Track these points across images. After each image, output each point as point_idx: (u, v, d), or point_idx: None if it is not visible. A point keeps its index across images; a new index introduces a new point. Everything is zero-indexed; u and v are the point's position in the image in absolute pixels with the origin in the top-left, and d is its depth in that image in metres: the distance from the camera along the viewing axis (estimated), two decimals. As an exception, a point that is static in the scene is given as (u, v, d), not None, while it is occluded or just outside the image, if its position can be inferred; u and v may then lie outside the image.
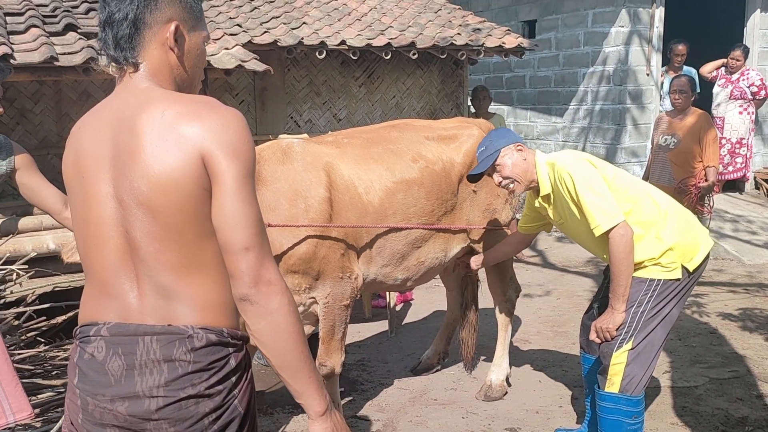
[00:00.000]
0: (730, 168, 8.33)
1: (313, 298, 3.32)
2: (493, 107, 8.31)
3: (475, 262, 3.84)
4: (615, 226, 2.89)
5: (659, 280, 3.00)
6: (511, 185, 3.23)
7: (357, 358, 4.80)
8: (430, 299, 6.10)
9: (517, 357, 4.60)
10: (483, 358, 4.57)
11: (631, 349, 2.98)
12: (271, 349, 1.44)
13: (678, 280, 3.01)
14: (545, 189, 3.19)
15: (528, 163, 3.21)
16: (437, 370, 4.49)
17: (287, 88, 6.42)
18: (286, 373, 1.45)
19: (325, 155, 3.40)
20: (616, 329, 3.00)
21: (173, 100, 1.46)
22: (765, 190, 9.01)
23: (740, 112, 8.20)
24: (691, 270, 3.03)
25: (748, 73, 8.16)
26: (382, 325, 5.40)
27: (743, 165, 8.30)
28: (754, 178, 8.84)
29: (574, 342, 4.94)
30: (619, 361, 2.99)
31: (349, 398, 4.12)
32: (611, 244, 2.92)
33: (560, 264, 7.33)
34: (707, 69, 8.32)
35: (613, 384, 3.02)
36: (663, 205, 3.11)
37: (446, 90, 7.37)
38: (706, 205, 5.97)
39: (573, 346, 4.88)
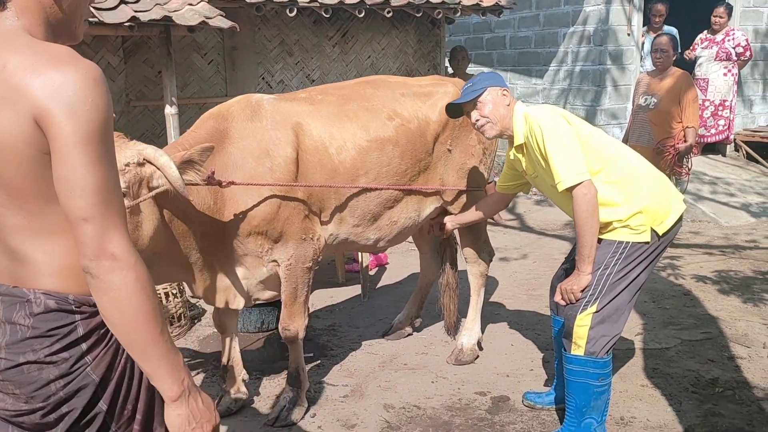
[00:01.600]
0: (713, 130, 8.26)
1: (275, 260, 3.22)
2: (472, 68, 8.16)
3: (450, 221, 3.74)
4: (578, 184, 2.81)
5: (627, 243, 2.93)
6: (486, 126, 3.15)
7: (328, 323, 4.72)
8: (405, 263, 6.02)
9: (490, 320, 4.55)
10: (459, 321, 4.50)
11: (596, 312, 2.92)
12: (116, 327, 1.33)
13: (647, 243, 2.93)
14: (518, 139, 3.12)
15: (508, 109, 3.14)
16: (409, 335, 4.43)
17: (258, 48, 6.22)
18: (134, 353, 1.35)
19: (296, 114, 3.28)
20: (581, 291, 2.93)
21: (22, 50, 1.29)
22: (744, 153, 8.96)
23: (724, 74, 8.10)
24: (660, 234, 2.95)
25: (733, 33, 8.04)
26: (355, 290, 5.33)
27: (726, 127, 8.24)
28: (734, 140, 8.78)
29: (548, 305, 4.88)
30: (583, 323, 2.93)
31: (318, 363, 4.05)
32: (574, 202, 2.85)
33: (538, 227, 7.27)
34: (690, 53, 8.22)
35: (578, 347, 2.96)
36: (636, 167, 3.02)
37: (423, 50, 7.20)
38: (684, 166, 5.91)
39: (547, 309, 4.80)
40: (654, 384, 3.67)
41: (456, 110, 3.32)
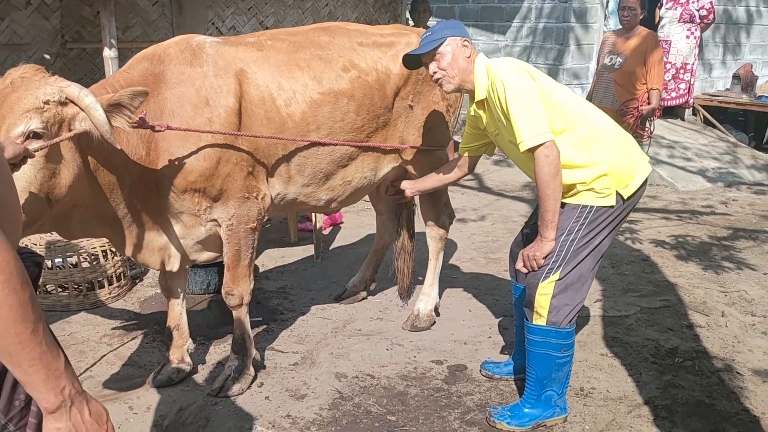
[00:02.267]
0: (673, 94, 8.19)
1: (215, 219, 2.96)
2: (432, 21, 7.86)
3: (410, 187, 3.51)
4: (540, 145, 2.64)
5: (592, 207, 2.77)
6: (444, 79, 2.95)
7: (279, 285, 4.50)
8: (361, 222, 5.82)
9: (447, 285, 4.39)
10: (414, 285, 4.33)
11: (559, 279, 2.77)
12: None
13: (612, 207, 2.79)
14: (479, 94, 2.92)
15: (469, 61, 2.93)
16: (363, 299, 4.25)
17: (208, -10, 5.82)
18: (2, 358, 1.12)
19: (241, 60, 2.98)
20: (544, 258, 2.77)
21: None
22: (702, 117, 8.95)
23: (687, 36, 8.00)
24: (625, 197, 2.80)
25: (697, -5, 7.92)
26: (308, 250, 5.10)
27: (686, 91, 8.18)
28: (693, 104, 8.74)
29: (506, 269, 4.75)
30: (545, 292, 2.78)
31: (265, 327, 3.84)
32: (536, 164, 2.68)
33: (497, 188, 7.14)
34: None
35: (540, 316, 2.82)
36: (600, 127, 2.85)
37: (383, 0, 6.86)
38: (646, 129, 5.81)
39: (505, 273, 4.70)
40: (614, 353, 3.58)
41: (413, 61, 3.09)
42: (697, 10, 7.95)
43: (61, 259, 4.11)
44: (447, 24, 3.05)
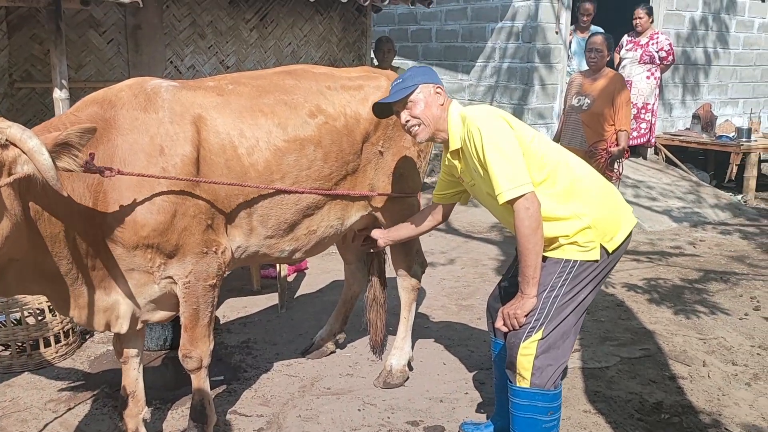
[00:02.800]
0: (635, 133, 8.21)
1: (170, 277, 2.71)
2: (397, 61, 7.79)
3: (383, 238, 3.32)
4: (520, 197, 2.50)
5: (575, 261, 2.63)
6: (417, 128, 2.80)
7: (242, 338, 4.24)
8: (326, 268, 5.59)
9: (419, 334, 4.19)
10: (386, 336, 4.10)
11: (541, 339, 2.60)
12: None
13: (596, 261, 2.64)
14: (454, 143, 2.78)
15: (442, 109, 2.80)
16: (332, 353, 4.01)
17: (166, 28, 5.60)
18: None
19: (199, 106, 2.77)
20: (525, 316, 2.60)
21: None
22: (663, 156, 9.02)
23: (647, 77, 8.08)
24: (610, 250, 2.67)
25: (657, 37, 8.02)
26: (272, 299, 4.86)
27: (647, 130, 8.22)
28: (655, 143, 8.81)
29: (479, 317, 4.60)
30: (527, 352, 2.61)
31: (227, 387, 3.57)
32: (516, 217, 2.53)
33: (464, 229, 7.00)
34: None
35: (523, 378, 2.64)
36: (582, 177, 2.72)
37: (348, 39, 6.75)
38: (615, 170, 5.75)
39: (479, 321, 4.54)
40: (597, 409, 3.40)
41: (384, 110, 2.94)
42: (657, 52, 8.04)
43: (3, 316, 3.79)
44: (418, 71, 2.91)
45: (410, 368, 3.76)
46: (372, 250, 3.61)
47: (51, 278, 2.46)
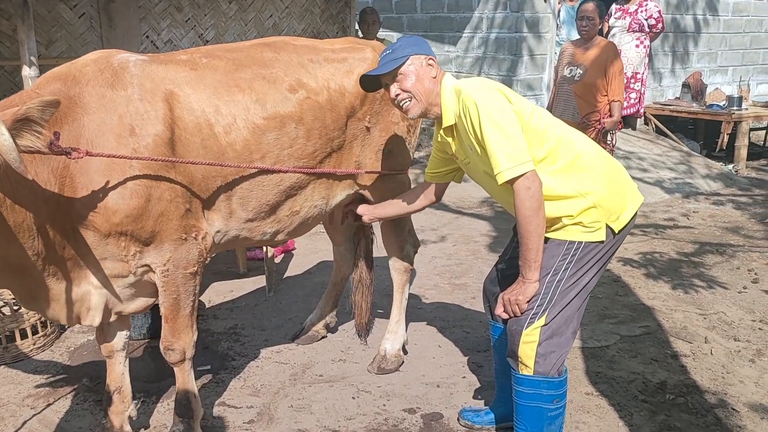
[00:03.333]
0: (624, 103, 8.07)
1: (147, 265, 2.54)
2: (381, 33, 7.57)
3: (368, 214, 3.17)
4: (520, 176, 2.34)
5: (580, 243, 2.48)
6: (408, 102, 2.63)
7: (229, 324, 4.08)
8: (315, 248, 5.43)
9: (412, 316, 4.05)
10: (377, 319, 3.96)
11: (544, 325, 2.46)
12: None
13: (601, 242, 2.50)
14: (448, 119, 2.61)
15: (435, 82, 2.62)
16: (323, 337, 3.87)
17: (140, 1, 5.34)
18: None
19: (171, 81, 2.57)
20: (527, 302, 2.46)
21: None
22: (653, 126, 8.90)
23: (636, 45, 7.92)
24: (616, 230, 2.52)
25: (646, 5, 7.85)
26: (259, 282, 4.70)
27: (637, 100, 8.08)
28: (644, 113, 8.68)
29: (474, 296, 4.48)
30: (530, 339, 2.47)
31: (215, 377, 3.41)
32: (516, 198, 2.37)
33: (454, 205, 6.85)
34: None
35: (526, 366, 2.50)
36: (586, 154, 2.55)
37: (331, 10, 6.51)
38: (608, 142, 5.61)
39: (473, 301, 4.41)
40: (600, 391, 3.29)
41: (372, 83, 2.76)
42: (646, 20, 7.88)
43: (-25, 308, 3.60)
44: (409, 41, 2.71)
45: (405, 352, 3.63)
46: (358, 224, 3.42)
47: (16, 270, 2.27)
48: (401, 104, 2.66)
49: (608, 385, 3.35)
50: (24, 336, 3.65)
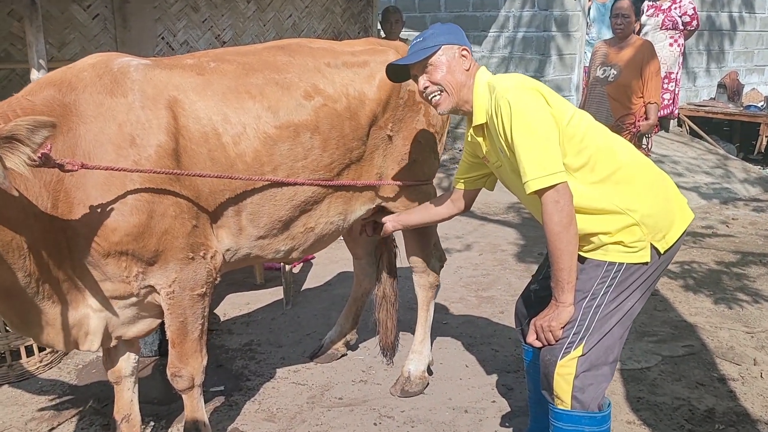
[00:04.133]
0: (658, 104, 7.77)
1: (151, 286, 2.34)
2: (404, 33, 7.35)
3: (393, 221, 2.95)
4: (549, 188, 2.11)
5: (621, 264, 2.23)
6: (437, 96, 2.41)
7: (244, 340, 3.88)
8: (334, 257, 5.22)
9: (437, 332, 3.82)
10: (400, 334, 3.73)
11: (582, 355, 2.20)
12: None
13: (645, 264, 2.24)
14: (479, 117, 2.37)
15: (468, 75, 2.40)
16: (343, 356, 3.65)
17: (156, 1, 5.18)
18: None
19: (176, 87, 2.36)
20: (562, 329, 2.21)
21: None
22: (687, 128, 8.57)
23: (670, 44, 7.61)
24: (662, 251, 2.26)
25: (680, 1, 7.54)
26: (277, 293, 4.50)
27: (671, 101, 7.77)
28: (678, 114, 8.35)
29: (502, 311, 4.24)
30: (566, 371, 2.21)
31: (228, 399, 3.21)
32: (544, 212, 2.14)
33: (479, 211, 6.60)
34: None
35: (562, 401, 2.25)
36: (630, 165, 2.29)
37: (352, 10, 6.30)
38: (643, 146, 5.34)
39: (502, 315, 4.17)
40: (642, 420, 3.03)
41: (399, 73, 2.54)
42: (680, 17, 7.57)
43: (-21, 324, 3.44)
44: (442, 28, 2.48)
45: (430, 372, 3.40)
46: (379, 235, 3.20)
47: (6, 293, 2.09)
48: (430, 98, 2.44)
49: (651, 413, 3.09)
50: (30, 353, 3.48)
